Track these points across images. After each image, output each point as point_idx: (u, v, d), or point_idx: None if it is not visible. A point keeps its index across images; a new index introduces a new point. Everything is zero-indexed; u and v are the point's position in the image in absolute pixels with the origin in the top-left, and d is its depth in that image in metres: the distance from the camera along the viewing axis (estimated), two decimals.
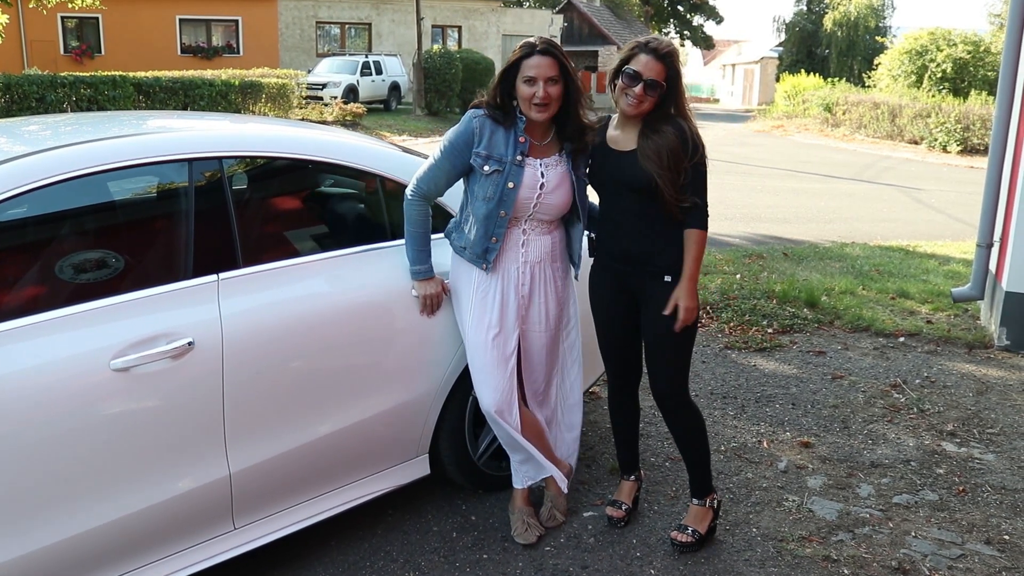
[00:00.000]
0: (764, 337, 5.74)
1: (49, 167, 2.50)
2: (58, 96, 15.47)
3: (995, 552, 3.25)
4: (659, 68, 2.91)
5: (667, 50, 2.93)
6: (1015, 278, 5.45)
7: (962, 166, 19.90)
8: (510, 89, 2.95)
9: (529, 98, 2.89)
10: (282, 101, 20.92)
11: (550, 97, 2.89)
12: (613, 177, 3.05)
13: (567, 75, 2.94)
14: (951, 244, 9.51)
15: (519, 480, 3.28)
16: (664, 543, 3.24)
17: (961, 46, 28.75)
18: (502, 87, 2.95)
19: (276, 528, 2.92)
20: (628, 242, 3.06)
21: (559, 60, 2.92)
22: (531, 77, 2.88)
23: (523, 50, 2.93)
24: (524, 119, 2.97)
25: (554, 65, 2.90)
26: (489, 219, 2.98)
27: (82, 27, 29.33)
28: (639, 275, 3.07)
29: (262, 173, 3.21)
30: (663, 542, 3.24)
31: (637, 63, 2.92)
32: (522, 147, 2.96)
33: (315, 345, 2.90)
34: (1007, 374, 5.19)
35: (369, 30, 33.30)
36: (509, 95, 2.96)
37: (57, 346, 2.41)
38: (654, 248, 3.02)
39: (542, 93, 2.88)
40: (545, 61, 2.89)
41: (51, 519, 2.40)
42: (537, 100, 2.88)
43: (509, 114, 2.97)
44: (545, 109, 2.91)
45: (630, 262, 3.07)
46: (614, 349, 3.26)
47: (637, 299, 3.11)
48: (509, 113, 2.97)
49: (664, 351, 3.09)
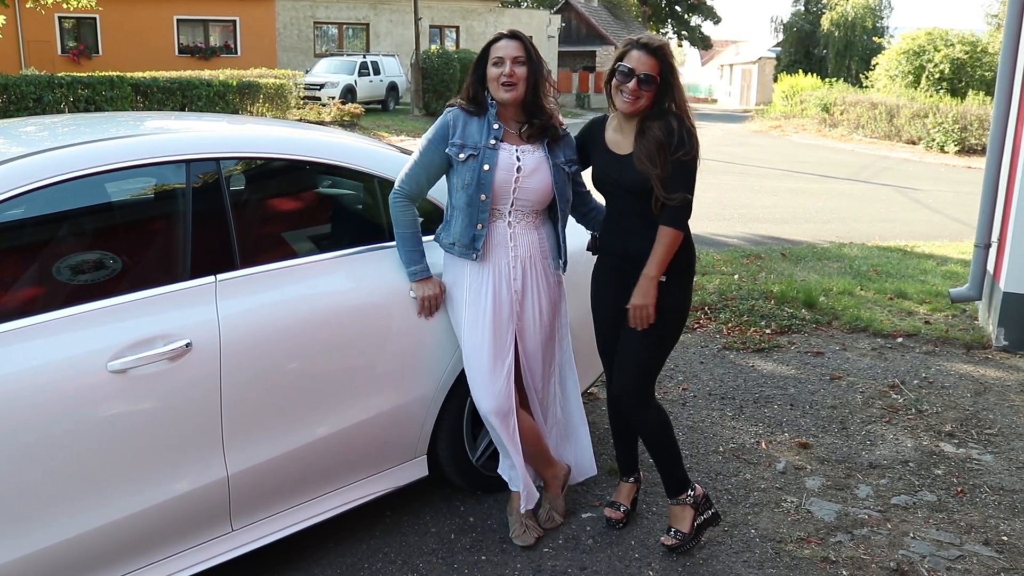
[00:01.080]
0: (762, 338, 5.74)
1: (47, 168, 2.49)
2: (55, 96, 15.45)
3: (993, 553, 3.25)
4: (652, 63, 2.93)
5: (658, 44, 2.96)
6: (1013, 278, 5.45)
7: (960, 166, 19.93)
8: (482, 78, 3.06)
9: (497, 78, 3.01)
10: (280, 101, 20.91)
11: (516, 76, 3.01)
12: (613, 180, 3.08)
13: (531, 59, 3.05)
14: (949, 244, 9.52)
15: (515, 482, 3.28)
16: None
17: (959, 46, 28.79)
18: (475, 76, 3.08)
19: (274, 530, 2.91)
20: (628, 242, 3.08)
21: (524, 43, 3.06)
22: (499, 58, 3.02)
23: (493, 38, 3.07)
24: (495, 105, 3.05)
25: (520, 47, 3.04)
26: (471, 206, 3.02)
27: (80, 27, 29.31)
28: (638, 274, 3.07)
29: (260, 174, 3.21)
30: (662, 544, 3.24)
31: (630, 59, 2.96)
32: (495, 132, 3.04)
33: (313, 346, 2.89)
34: (1005, 375, 5.19)
35: (367, 30, 33.31)
36: (481, 83, 3.07)
37: (54, 348, 2.40)
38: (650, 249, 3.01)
39: (508, 70, 3.00)
40: (511, 44, 3.04)
41: (49, 521, 2.39)
42: (504, 79, 3.00)
43: (481, 104, 3.07)
44: (512, 88, 3.01)
45: (630, 261, 3.08)
46: (613, 349, 3.25)
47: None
48: (481, 103, 3.07)
49: (629, 346, 3.08)
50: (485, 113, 3.06)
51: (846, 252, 8.78)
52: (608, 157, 3.09)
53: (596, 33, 44.46)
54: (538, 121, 3.09)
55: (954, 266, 8.21)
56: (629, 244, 3.08)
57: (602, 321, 3.26)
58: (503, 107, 3.07)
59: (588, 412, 4.41)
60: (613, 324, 3.19)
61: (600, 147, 3.12)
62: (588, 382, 3.90)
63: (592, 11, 45.63)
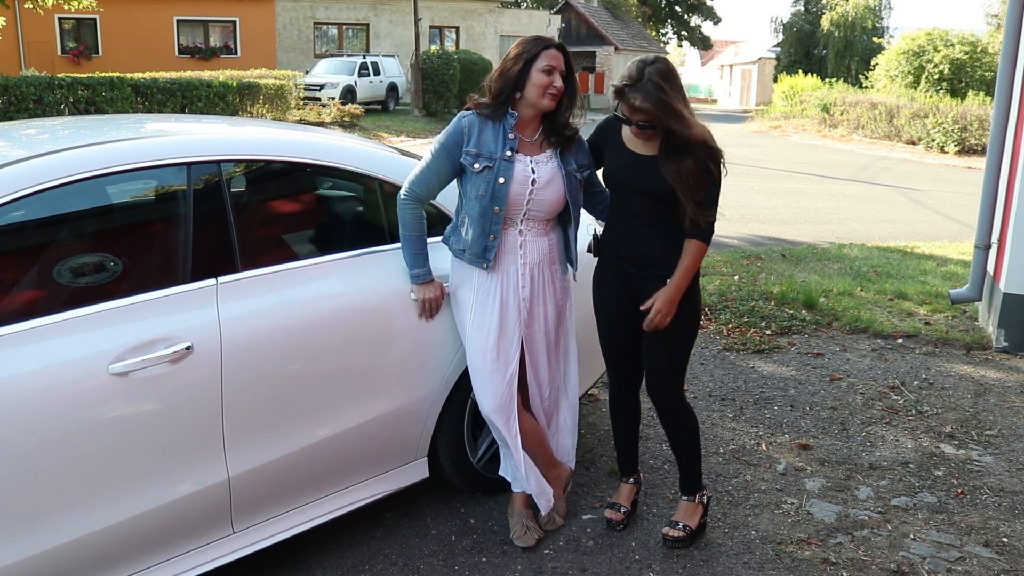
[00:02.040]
0: (762, 339, 5.74)
1: (47, 171, 2.50)
2: (55, 97, 15.45)
3: (994, 554, 3.26)
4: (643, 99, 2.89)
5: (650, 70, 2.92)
6: (1013, 279, 5.45)
7: (960, 166, 19.94)
8: (518, 79, 2.97)
9: (546, 86, 2.96)
10: (280, 102, 20.91)
11: (560, 89, 2.97)
12: (628, 180, 3.06)
13: (571, 73, 3.03)
14: (949, 245, 9.52)
15: (517, 484, 3.28)
16: (663, 546, 3.24)
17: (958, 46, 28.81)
18: (512, 75, 2.96)
19: (275, 532, 2.92)
20: (635, 244, 3.08)
21: (567, 57, 3.04)
22: (551, 67, 2.96)
23: (541, 42, 3.00)
24: (515, 116, 3.00)
25: (564, 61, 3.01)
26: (484, 217, 2.99)
27: (80, 28, 29.34)
28: (643, 277, 3.07)
29: (260, 177, 3.21)
30: (662, 545, 3.24)
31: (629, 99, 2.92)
32: (511, 143, 2.99)
33: (314, 349, 2.90)
34: (1005, 376, 5.20)
35: (367, 31, 33.30)
36: (515, 85, 2.97)
37: (56, 350, 2.41)
38: (660, 252, 3.03)
39: (559, 83, 2.97)
40: (560, 56, 3.00)
41: (50, 523, 2.40)
42: (553, 89, 2.96)
43: (501, 108, 3.00)
44: (555, 99, 2.98)
45: (635, 263, 3.08)
46: (615, 350, 3.26)
47: (639, 300, 3.11)
48: (502, 108, 3.00)
49: (659, 351, 3.11)
50: (502, 119, 3.01)
51: (846, 253, 8.78)
52: (625, 156, 3.07)
53: (596, 33, 44.46)
54: (555, 138, 3.06)
55: (954, 267, 8.21)
56: (638, 247, 3.07)
57: (608, 326, 3.25)
58: (524, 116, 3.02)
59: (588, 413, 4.43)
60: (620, 328, 3.20)
61: (616, 144, 3.09)
62: (588, 384, 3.91)
63: (592, 11, 45.63)
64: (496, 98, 2.99)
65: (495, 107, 3.00)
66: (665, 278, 3.02)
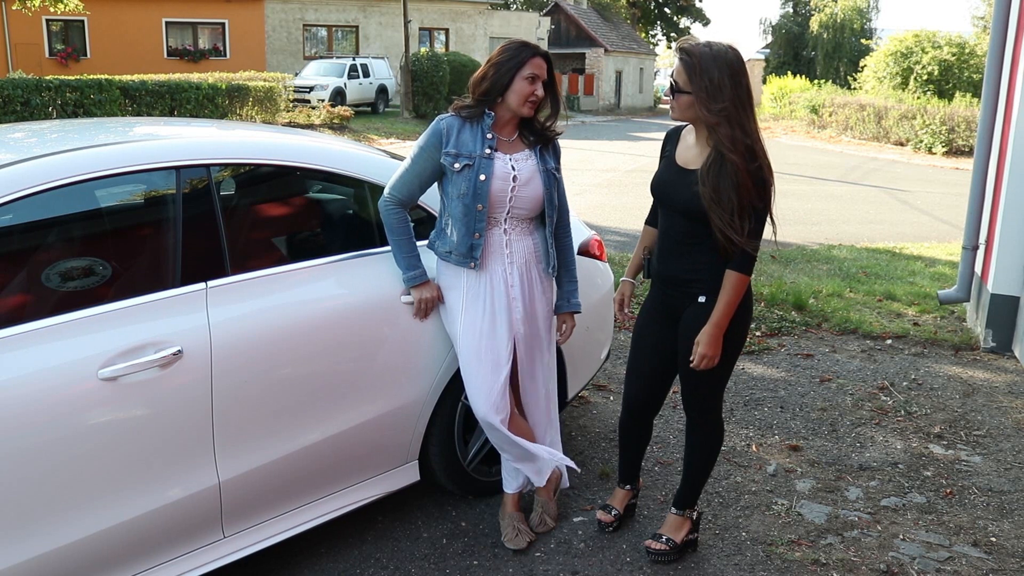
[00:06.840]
0: (752, 340, 5.75)
1: (36, 175, 2.49)
2: (43, 100, 15.37)
3: (982, 554, 3.27)
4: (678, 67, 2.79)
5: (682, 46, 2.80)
6: (1001, 280, 5.49)
7: (947, 167, 20.06)
8: (504, 84, 2.99)
9: (528, 95, 2.99)
10: (269, 104, 20.86)
11: (540, 98, 3.03)
12: (664, 193, 2.96)
13: (552, 81, 3.09)
14: (937, 246, 9.58)
15: (510, 485, 3.28)
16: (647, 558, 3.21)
17: (946, 48, 28.99)
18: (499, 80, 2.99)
19: (266, 536, 2.91)
20: (671, 263, 2.97)
21: (551, 65, 3.08)
22: (535, 75, 2.99)
23: (528, 49, 3.02)
24: (492, 116, 3.03)
25: (546, 69, 3.05)
26: (468, 215, 3.01)
27: (67, 30, 29.20)
28: (680, 296, 2.98)
29: (250, 180, 3.20)
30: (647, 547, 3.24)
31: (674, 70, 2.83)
32: (490, 142, 3.03)
33: (304, 352, 2.89)
34: (993, 376, 5.23)
35: (356, 33, 33.26)
36: (500, 90, 3.00)
37: (45, 355, 2.39)
38: (695, 274, 2.91)
39: (540, 92, 3.02)
40: (544, 64, 3.04)
41: (39, 529, 2.38)
42: (534, 98, 3.01)
43: (480, 110, 3.03)
44: (534, 107, 3.03)
45: (672, 284, 2.99)
46: (641, 370, 3.16)
47: (678, 322, 3.00)
48: (482, 107, 3.03)
49: (693, 375, 2.98)
50: (480, 121, 3.04)
51: (835, 254, 8.82)
52: (671, 169, 2.95)
53: (585, 35, 44.53)
54: (533, 138, 3.09)
55: (942, 268, 8.26)
56: (672, 267, 2.97)
57: (637, 342, 3.15)
58: (502, 118, 3.05)
59: (580, 415, 4.43)
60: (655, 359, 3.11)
61: (668, 156, 3.01)
62: (579, 386, 3.91)
63: (581, 13, 45.70)
64: (480, 101, 3.03)
65: (476, 109, 3.04)
66: (698, 296, 2.91)
